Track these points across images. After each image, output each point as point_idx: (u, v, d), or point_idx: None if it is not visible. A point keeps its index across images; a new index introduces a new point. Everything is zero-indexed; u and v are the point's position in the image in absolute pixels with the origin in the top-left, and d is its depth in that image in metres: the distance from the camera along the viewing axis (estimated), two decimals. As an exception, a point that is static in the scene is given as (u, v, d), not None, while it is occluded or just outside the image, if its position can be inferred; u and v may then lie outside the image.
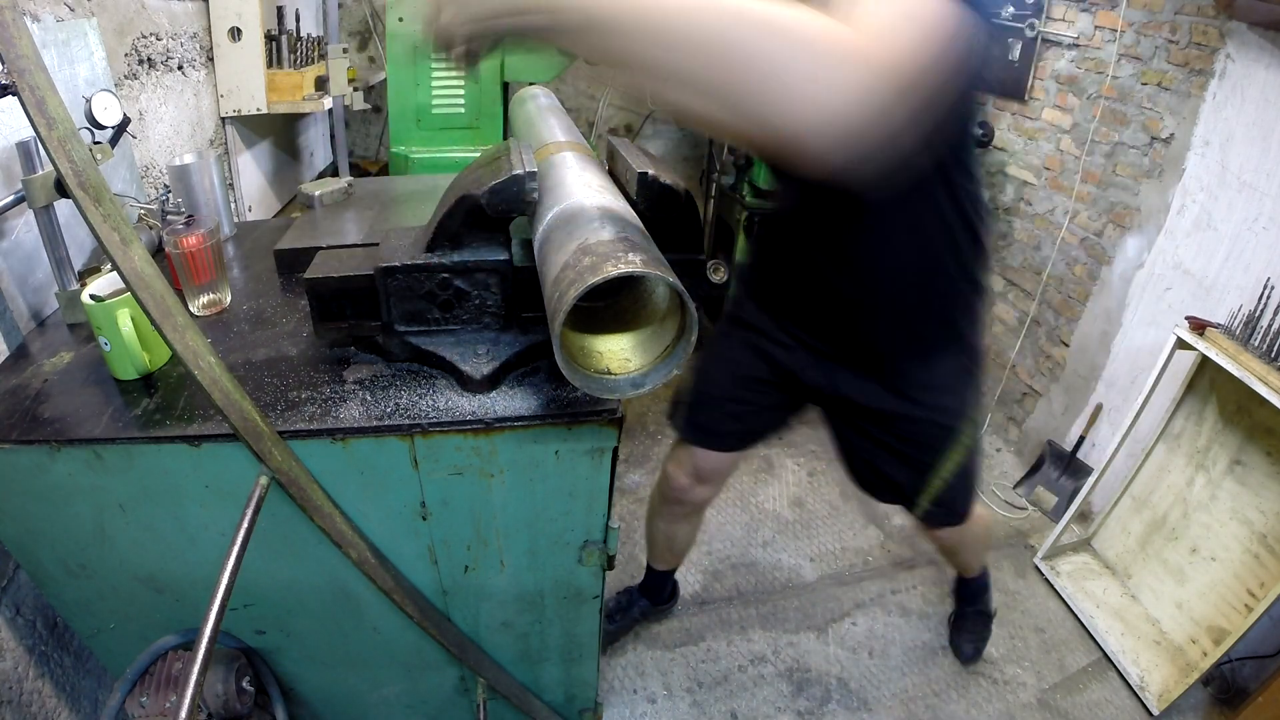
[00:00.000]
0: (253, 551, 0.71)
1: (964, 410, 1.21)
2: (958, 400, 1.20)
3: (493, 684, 1.09)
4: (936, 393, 1.18)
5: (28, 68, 0.59)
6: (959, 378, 1.19)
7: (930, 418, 1.19)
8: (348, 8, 3.00)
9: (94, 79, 1.22)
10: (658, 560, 1.72)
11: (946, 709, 1.66)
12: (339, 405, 0.81)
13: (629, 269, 0.60)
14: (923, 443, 1.22)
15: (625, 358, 0.74)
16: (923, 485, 1.25)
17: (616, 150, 0.87)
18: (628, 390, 0.72)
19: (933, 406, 1.18)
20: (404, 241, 0.84)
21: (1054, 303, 2.34)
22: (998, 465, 2.49)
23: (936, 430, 1.20)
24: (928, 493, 1.26)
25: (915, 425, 1.20)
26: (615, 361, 0.74)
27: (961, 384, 1.20)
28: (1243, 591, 1.63)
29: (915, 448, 1.23)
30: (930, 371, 1.16)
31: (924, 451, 1.22)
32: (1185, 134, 1.86)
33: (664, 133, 3.37)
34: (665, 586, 1.79)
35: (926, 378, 1.16)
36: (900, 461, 1.24)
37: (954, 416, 1.20)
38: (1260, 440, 1.64)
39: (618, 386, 0.72)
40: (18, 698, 1.02)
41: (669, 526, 1.60)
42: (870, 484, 1.35)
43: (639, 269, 0.60)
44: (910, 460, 1.24)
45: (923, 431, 1.20)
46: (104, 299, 0.83)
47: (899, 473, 1.26)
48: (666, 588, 1.80)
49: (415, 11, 2.00)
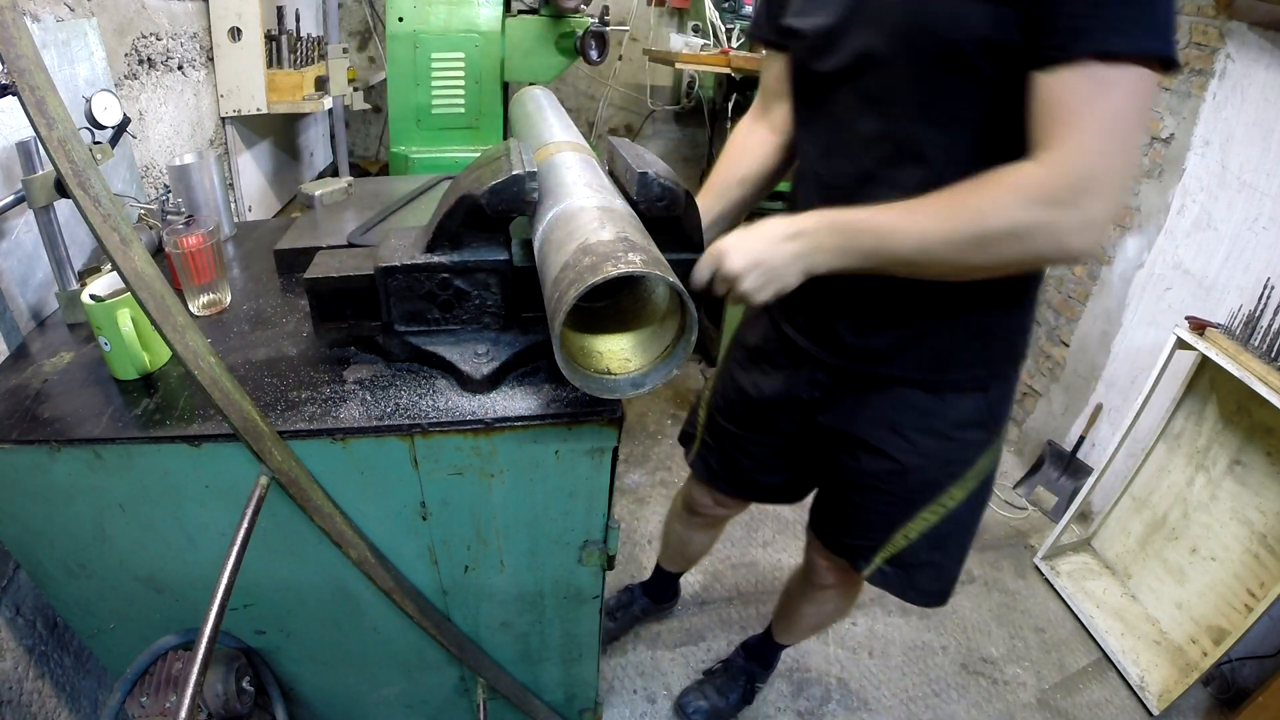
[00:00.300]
0: (253, 551, 0.71)
1: (964, 468, 1.01)
2: (961, 454, 1.01)
3: (493, 684, 1.09)
4: (937, 438, 0.99)
5: (28, 68, 0.59)
6: (970, 429, 0.99)
7: (919, 466, 1.00)
8: (348, 8, 3.00)
9: (94, 79, 1.22)
10: (668, 561, 1.68)
11: (946, 709, 1.66)
12: (339, 405, 0.81)
13: (629, 269, 0.60)
14: (896, 492, 1.03)
15: (625, 358, 0.74)
16: (883, 541, 1.07)
17: (616, 150, 0.87)
18: (628, 390, 0.72)
19: (926, 453, 0.99)
20: (404, 241, 0.84)
21: (1054, 303, 2.34)
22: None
23: (919, 482, 1.02)
24: (886, 549, 1.08)
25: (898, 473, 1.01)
26: (615, 361, 0.74)
27: (969, 436, 1.00)
28: (1243, 591, 1.63)
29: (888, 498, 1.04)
30: (943, 411, 0.98)
31: (896, 504, 1.04)
32: (1185, 134, 1.86)
33: (664, 133, 3.37)
34: (669, 588, 1.79)
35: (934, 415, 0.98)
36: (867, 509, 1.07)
37: (948, 473, 1.01)
38: (1260, 440, 1.64)
39: (618, 386, 0.72)
40: (18, 698, 1.02)
41: (686, 532, 1.55)
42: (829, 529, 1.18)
43: (639, 269, 0.60)
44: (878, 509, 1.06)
45: (903, 480, 1.02)
46: (104, 299, 0.83)
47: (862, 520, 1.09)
48: (670, 589, 1.79)
49: (415, 11, 2.00)
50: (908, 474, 1.01)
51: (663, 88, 3.25)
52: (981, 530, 2.16)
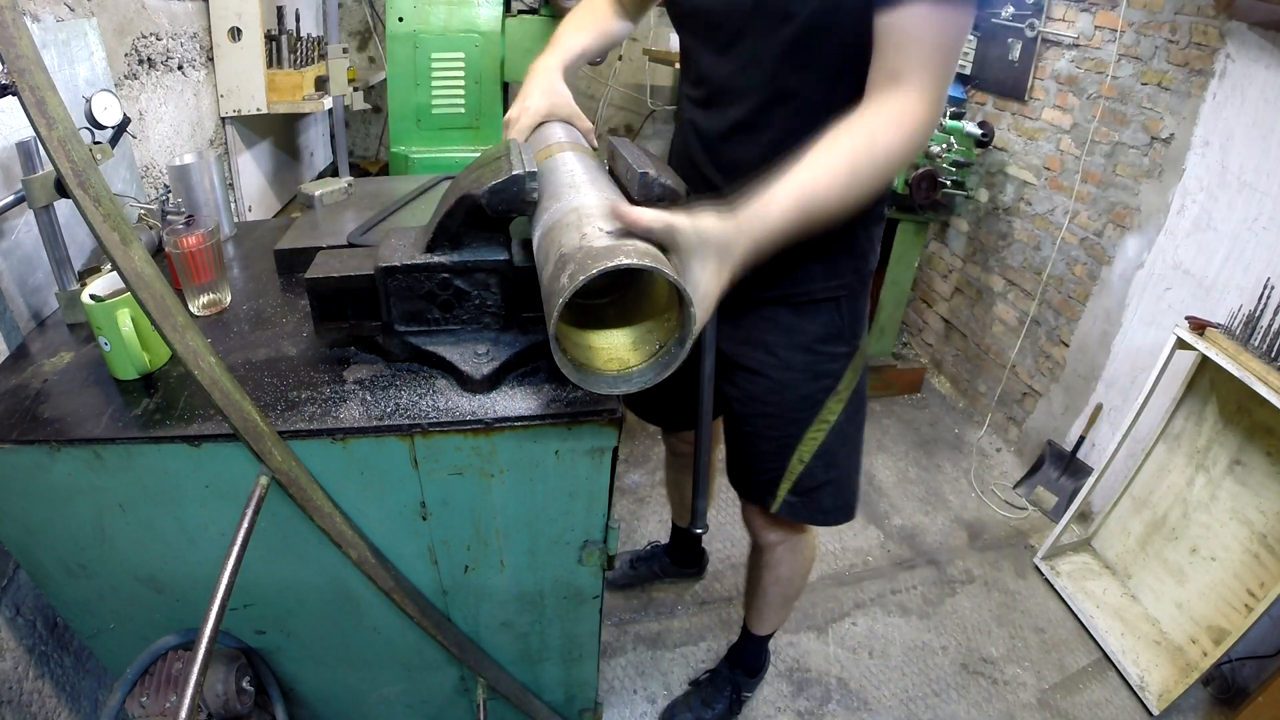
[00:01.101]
0: (253, 551, 0.71)
1: (836, 381, 1.08)
2: (829, 366, 1.08)
3: (493, 684, 1.09)
4: (803, 352, 1.06)
5: (28, 68, 0.59)
6: (829, 342, 1.07)
7: (792, 381, 1.07)
8: (348, 8, 3.00)
9: (94, 79, 1.22)
10: (676, 515, 1.82)
11: (946, 709, 1.66)
12: (339, 405, 0.81)
13: (627, 262, 0.60)
14: (779, 412, 1.09)
15: (623, 354, 0.74)
16: (782, 470, 1.12)
17: (616, 150, 0.87)
18: (626, 386, 0.72)
19: (794, 367, 1.07)
20: (404, 241, 0.84)
21: (1054, 303, 2.34)
22: (998, 465, 2.49)
23: (796, 398, 1.08)
24: (787, 479, 1.13)
25: (775, 388, 1.07)
26: (613, 358, 0.74)
27: (831, 349, 1.08)
28: (1243, 591, 1.63)
29: (773, 420, 1.10)
30: (804, 326, 1.06)
31: (782, 424, 1.10)
32: (1185, 134, 1.86)
33: (664, 133, 3.37)
34: (686, 550, 1.87)
35: (797, 331, 1.06)
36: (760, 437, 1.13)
37: (821, 386, 1.08)
38: (1260, 440, 1.64)
39: (615, 382, 0.72)
40: (18, 698, 1.02)
41: (677, 475, 1.67)
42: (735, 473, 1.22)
43: (637, 263, 0.60)
44: (769, 435, 1.11)
45: (781, 395, 1.08)
46: (104, 299, 0.83)
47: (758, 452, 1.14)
48: (688, 552, 1.88)
49: (415, 11, 2.00)
50: (785, 389, 1.09)
51: (663, 88, 3.25)
52: (981, 530, 2.18)
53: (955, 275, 2.82)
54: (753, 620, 1.51)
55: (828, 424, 1.10)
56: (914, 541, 2.14)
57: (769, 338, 1.08)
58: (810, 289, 1.05)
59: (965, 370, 2.81)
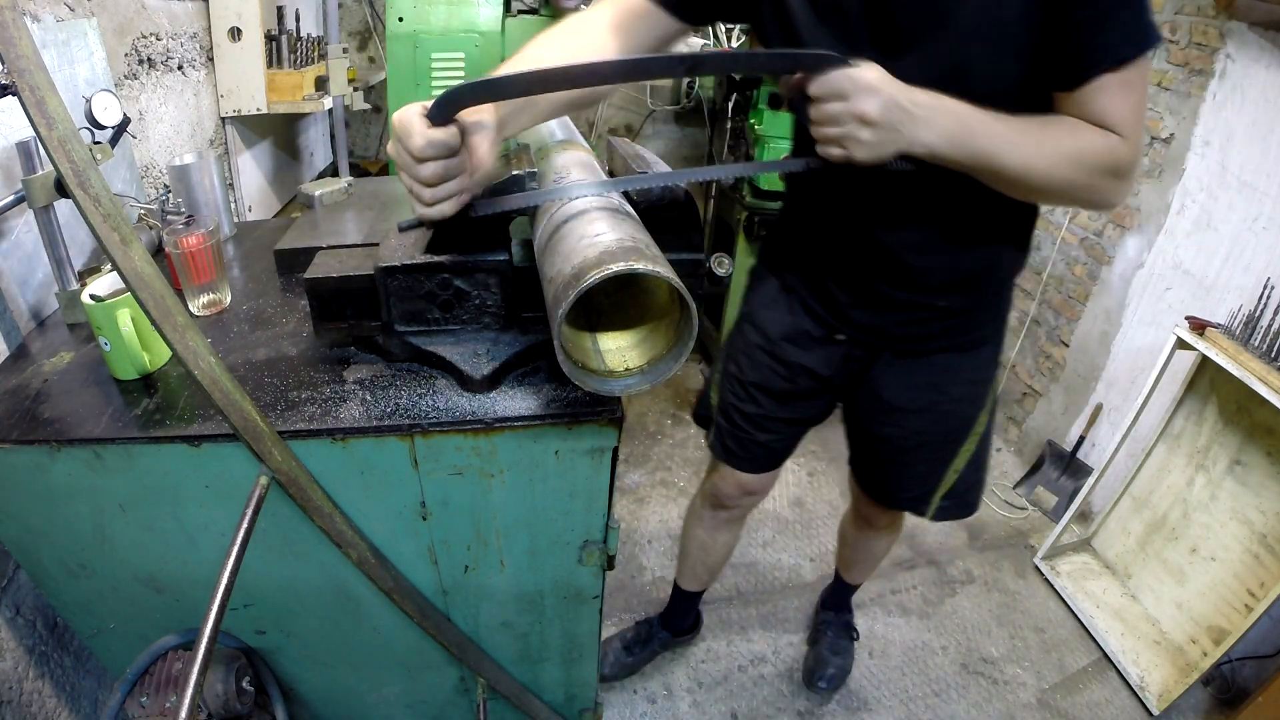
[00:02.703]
0: (253, 551, 0.71)
1: (986, 398, 1.15)
2: (985, 389, 1.14)
3: (493, 684, 1.09)
4: (968, 385, 1.12)
5: (28, 68, 0.59)
6: (991, 367, 1.14)
7: (956, 410, 1.14)
8: (348, 8, 3.00)
9: (94, 79, 1.22)
10: (690, 579, 1.61)
11: (946, 709, 1.66)
12: (339, 405, 0.81)
13: (629, 267, 0.60)
14: (942, 438, 1.16)
15: (625, 356, 0.74)
16: (938, 483, 1.20)
17: (616, 150, 0.87)
18: (628, 388, 0.72)
19: (960, 399, 1.13)
20: (404, 241, 0.84)
21: (1054, 303, 2.34)
22: (998, 465, 2.49)
23: (958, 422, 1.15)
24: (942, 489, 1.21)
25: (940, 419, 1.14)
26: (615, 360, 0.74)
27: (991, 372, 1.14)
28: (1243, 591, 1.63)
29: (935, 446, 1.17)
30: (973, 362, 1.11)
31: (943, 447, 1.17)
32: (1185, 134, 1.86)
33: (664, 133, 3.37)
34: (690, 614, 1.72)
35: (965, 369, 1.11)
36: (918, 461, 1.19)
37: (977, 406, 1.14)
38: (1260, 440, 1.64)
39: (617, 385, 0.72)
40: (18, 698, 1.02)
41: (710, 534, 1.51)
42: (884, 490, 1.30)
43: (639, 267, 0.60)
44: (928, 458, 1.19)
45: (945, 425, 1.15)
46: (104, 299, 0.83)
47: (918, 475, 1.21)
48: (690, 615, 1.73)
49: (415, 11, 2.00)
50: (949, 419, 1.15)
51: (663, 88, 3.24)
52: (981, 530, 2.18)
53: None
54: (855, 574, 1.68)
55: (978, 435, 1.17)
56: (914, 541, 2.14)
57: (940, 379, 1.11)
58: (980, 334, 1.10)
59: (965, 370, 2.80)
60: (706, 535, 1.51)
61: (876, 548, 1.57)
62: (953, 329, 1.06)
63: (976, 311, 1.06)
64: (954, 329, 1.06)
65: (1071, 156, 0.78)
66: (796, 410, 1.23)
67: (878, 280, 1.02)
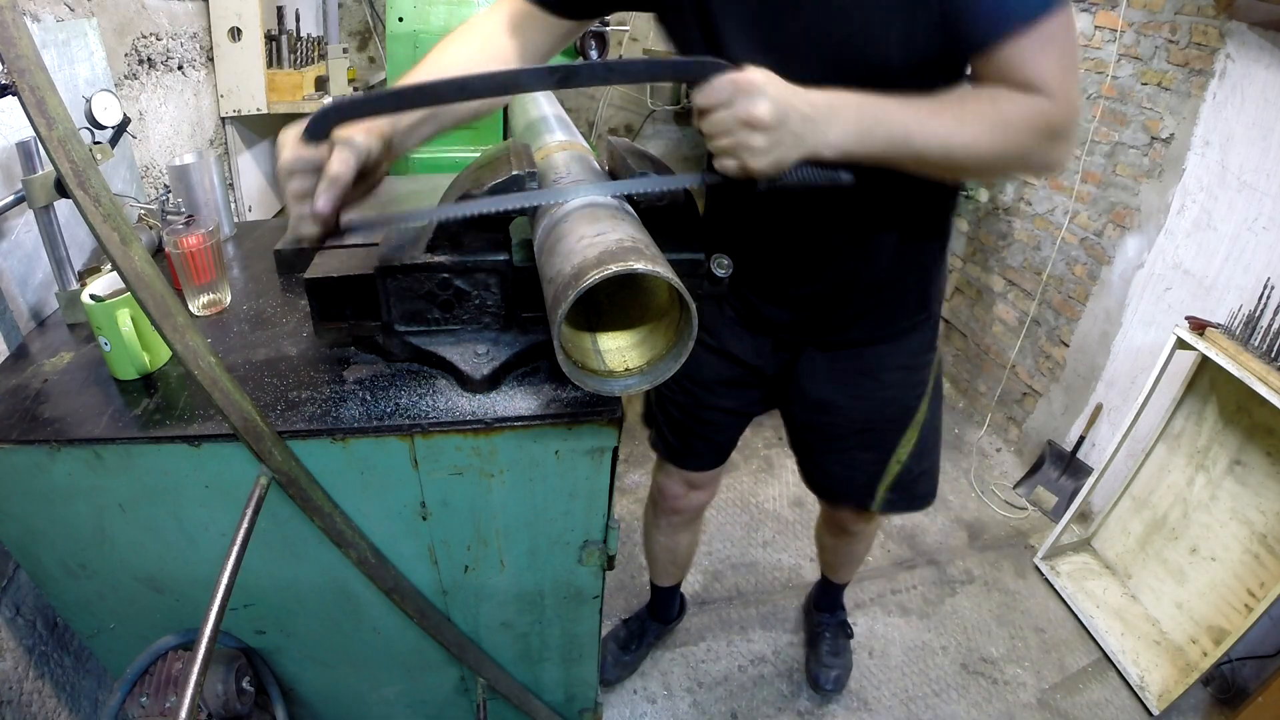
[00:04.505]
0: (253, 551, 0.71)
1: (925, 385, 1.14)
2: (920, 375, 1.14)
3: (493, 684, 1.09)
4: (900, 370, 1.12)
5: (28, 68, 0.59)
6: (925, 353, 1.13)
7: (892, 397, 1.13)
8: (348, 8, 3.00)
9: (94, 79, 1.22)
10: (661, 576, 1.65)
11: (946, 709, 1.66)
12: (339, 405, 0.81)
13: (629, 267, 0.60)
14: (879, 426, 1.15)
15: (625, 356, 0.74)
16: (881, 473, 1.18)
17: (616, 150, 0.87)
18: (628, 388, 0.72)
19: (893, 384, 1.12)
20: (404, 241, 0.84)
21: (1054, 303, 2.34)
22: (998, 465, 2.49)
23: (895, 410, 1.14)
24: (885, 480, 1.19)
25: (877, 406, 1.13)
26: (615, 360, 0.74)
27: (925, 359, 1.14)
28: (1243, 591, 1.63)
29: (872, 434, 1.16)
30: (903, 347, 1.11)
31: (881, 435, 1.16)
32: (1185, 134, 1.86)
33: (664, 133, 3.37)
34: (673, 603, 1.74)
35: (894, 354, 1.11)
36: (854, 449, 1.17)
37: (915, 394, 1.14)
38: (1260, 440, 1.64)
39: (617, 385, 0.72)
40: (18, 698, 1.02)
41: (669, 539, 1.53)
42: (826, 486, 1.28)
43: (639, 267, 0.60)
44: (868, 448, 1.17)
45: (882, 412, 1.14)
46: (104, 299, 0.83)
47: (857, 466, 1.19)
48: (674, 604, 1.75)
49: (415, 11, 2.00)
50: (885, 406, 1.13)
51: (663, 88, 3.24)
52: (981, 530, 2.18)
53: (955, 275, 2.82)
54: (841, 575, 1.68)
55: (920, 424, 1.16)
56: (914, 541, 2.14)
57: (870, 365, 1.11)
58: (904, 324, 1.10)
59: (965, 370, 2.81)
60: (667, 540, 1.55)
61: (855, 550, 1.56)
62: (871, 323, 1.07)
63: (895, 305, 1.06)
64: (873, 323, 1.07)
65: (994, 124, 0.73)
66: (729, 399, 1.23)
67: (786, 285, 1.05)
